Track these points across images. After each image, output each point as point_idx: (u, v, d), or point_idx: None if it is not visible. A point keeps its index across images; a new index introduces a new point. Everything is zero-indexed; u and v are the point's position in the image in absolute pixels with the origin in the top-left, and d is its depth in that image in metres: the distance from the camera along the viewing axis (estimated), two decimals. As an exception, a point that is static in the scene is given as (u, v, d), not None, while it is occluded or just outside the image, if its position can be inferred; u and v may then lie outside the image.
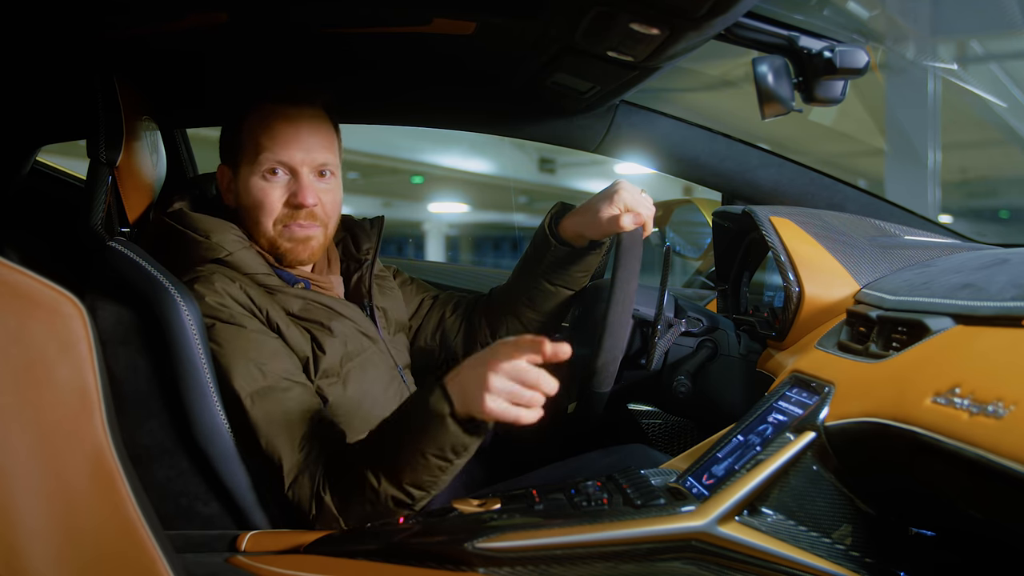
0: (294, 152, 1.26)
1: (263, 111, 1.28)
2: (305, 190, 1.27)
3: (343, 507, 1.08)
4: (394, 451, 1.05)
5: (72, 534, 0.66)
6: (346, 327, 1.28)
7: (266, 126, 1.27)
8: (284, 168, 1.27)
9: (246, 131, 1.28)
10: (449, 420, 1.01)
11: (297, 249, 1.29)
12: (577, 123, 1.71)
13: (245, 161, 1.28)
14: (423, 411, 1.03)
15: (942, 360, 0.84)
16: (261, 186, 1.27)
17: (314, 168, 1.29)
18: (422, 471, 1.04)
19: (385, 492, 1.05)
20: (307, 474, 1.10)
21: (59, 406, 0.67)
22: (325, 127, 1.31)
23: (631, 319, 1.24)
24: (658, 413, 1.83)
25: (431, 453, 1.03)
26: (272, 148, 1.26)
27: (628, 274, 1.22)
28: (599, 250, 1.42)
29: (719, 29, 1.17)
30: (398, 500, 1.06)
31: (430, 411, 1.02)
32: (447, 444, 1.02)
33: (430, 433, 1.02)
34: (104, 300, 1.16)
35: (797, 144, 4.05)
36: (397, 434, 1.07)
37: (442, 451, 1.03)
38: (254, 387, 1.13)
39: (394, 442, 1.06)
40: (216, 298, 1.17)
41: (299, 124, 1.28)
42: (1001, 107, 4.39)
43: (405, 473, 1.04)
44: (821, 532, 0.90)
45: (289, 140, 1.26)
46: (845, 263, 1.22)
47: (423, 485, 1.06)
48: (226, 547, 1.05)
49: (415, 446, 1.03)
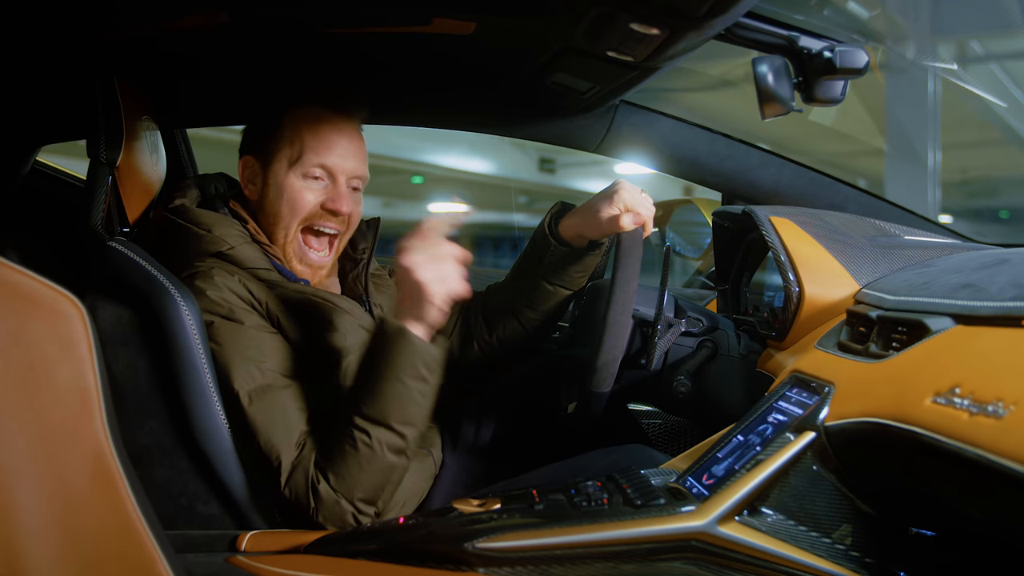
0: (338, 160, 1.29)
1: (309, 113, 1.30)
2: (342, 197, 1.30)
3: (340, 480, 1.09)
4: (373, 393, 1.10)
5: (72, 534, 0.66)
6: (345, 321, 1.28)
7: (313, 129, 1.28)
8: (325, 173, 1.29)
9: (289, 128, 1.29)
10: (409, 334, 1.10)
11: (306, 273, 1.33)
12: (577, 123, 1.71)
13: (283, 158, 1.29)
14: (384, 343, 1.10)
15: (942, 360, 0.83)
16: (299, 186, 1.29)
17: (351, 178, 1.31)
18: (406, 401, 1.10)
19: (378, 440, 1.09)
20: (301, 468, 1.11)
21: (59, 406, 0.67)
22: (362, 140, 1.35)
23: (631, 319, 1.24)
24: (658, 413, 1.83)
25: (407, 376, 1.09)
26: (318, 152, 1.28)
27: (628, 274, 1.22)
28: (598, 251, 1.42)
29: (719, 29, 1.17)
30: (393, 445, 1.10)
31: (389, 336, 1.10)
32: (418, 360, 1.10)
33: (400, 357, 1.09)
34: (104, 300, 1.16)
35: (797, 144, 4.05)
36: (371, 378, 1.11)
37: (416, 369, 1.10)
38: (252, 385, 1.13)
39: (371, 386, 1.10)
40: (216, 292, 1.17)
41: (344, 133, 1.31)
42: (1001, 107, 4.39)
43: (391, 411, 1.09)
44: (821, 532, 0.90)
45: (334, 147, 1.29)
46: (845, 263, 1.22)
47: (410, 418, 1.11)
48: (226, 547, 1.05)
49: (391, 375, 1.09)
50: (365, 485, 1.10)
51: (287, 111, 1.31)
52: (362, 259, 1.43)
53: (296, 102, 1.31)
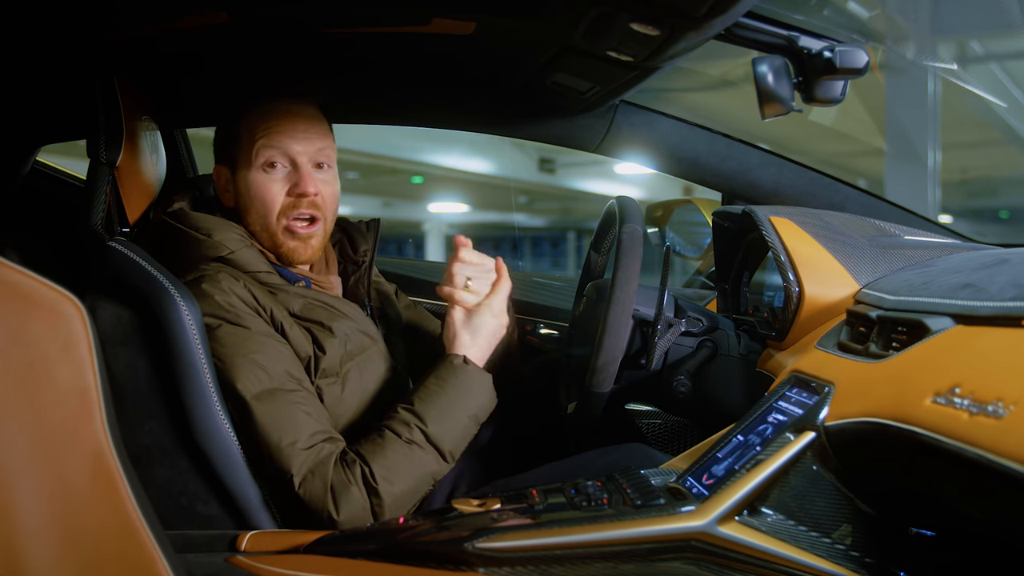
0: (291, 143, 1.28)
1: (258, 108, 1.29)
2: (306, 178, 1.28)
3: (388, 486, 1.11)
4: (440, 419, 1.16)
5: (72, 534, 0.66)
6: (347, 326, 1.28)
7: (263, 121, 1.28)
8: (284, 159, 1.28)
9: (243, 128, 1.29)
10: (489, 380, 1.22)
11: (299, 248, 1.30)
12: (577, 123, 1.71)
13: (243, 157, 1.29)
14: (466, 378, 1.19)
15: (942, 360, 0.83)
16: (261, 180, 1.28)
17: (312, 158, 1.30)
18: (463, 436, 1.19)
19: (429, 461, 1.15)
20: (318, 472, 1.10)
21: (59, 406, 0.67)
22: (319, 120, 1.33)
23: (631, 319, 1.24)
24: (658, 413, 1.83)
25: (475, 416, 1.19)
26: (270, 140, 1.27)
27: (628, 274, 1.22)
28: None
29: (719, 29, 1.17)
30: (436, 471, 1.17)
31: (472, 375, 1.20)
32: (489, 404, 1.21)
33: (477, 398, 1.20)
34: (104, 300, 1.16)
35: (797, 144, 4.06)
36: (443, 405, 1.18)
37: (484, 412, 1.21)
38: (259, 388, 1.13)
39: (442, 412, 1.17)
40: (223, 297, 1.17)
41: (295, 116, 1.29)
42: (1001, 107, 4.39)
43: (448, 439, 1.17)
44: (821, 532, 0.90)
45: (286, 131, 1.28)
46: (845, 263, 1.22)
47: (456, 451, 1.18)
48: (226, 547, 1.05)
49: (464, 409, 1.18)
50: (403, 499, 1.13)
51: (243, 113, 1.31)
52: (364, 261, 1.43)
53: (247, 104, 1.31)
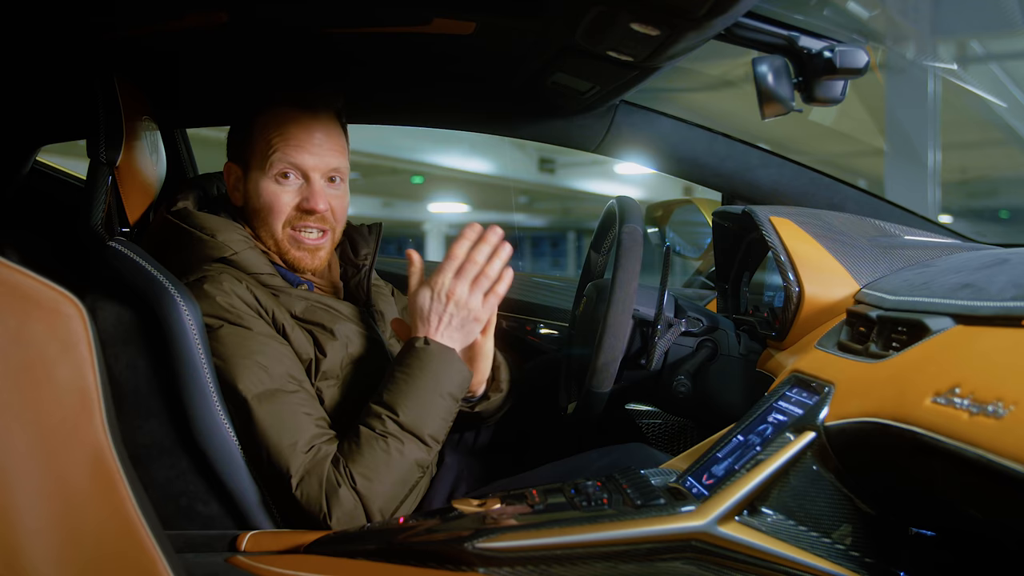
0: (307, 157, 1.27)
1: (277, 114, 1.28)
2: (317, 196, 1.27)
3: (369, 485, 1.10)
4: (412, 404, 1.14)
5: (72, 534, 0.66)
6: (348, 329, 1.28)
7: (280, 130, 1.27)
8: (297, 172, 1.27)
9: (259, 132, 1.28)
10: (454, 354, 1.18)
11: (306, 258, 1.31)
12: (577, 123, 1.71)
13: (256, 162, 1.28)
14: (428, 358, 1.16)
15: (942, 360, 0.84)
16: (273, 189, 1.27)
17: (326, 173, 1.29)
18: (441, 417, 1.16)
19: (410, 449, 1.13)
20: (315, 473, 1.10)
21: (59, 406, 0.66)
22: (337, 132, 1.32)
23: (631, 319, 1.24)
24: (658, 413, 1.83)
25: (448, 393, 1.17)
26: (286, 152, 1.26)
27: (628, 274, 1.22)
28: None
29: (719, 29, 1.17)
30: (421, 460, 1.15)
31: (433, 353, 1.17)
32: (460, 379, 1.19)
33: (444, 374, 1.17)
34: (104, 300, 1.16)
35: (797, 144, 4.06)
36: (412, 389, 1.15)
37: (457, 388, 1.18)
38: (260, 389, 1.13)
39: (412, 397, 1.15)
40: (225, 298, 1.17)
41: (313, 129, 1.28)
42: (1001, 107, 4.40)
43: (427, 423, 1.15)
44: (821, 532, 0.90)
45: (303, 145, 1.27)
46: (845, 263, 1.22)
47: (438, 433, 1.16)
48: (226, 547, 1.05)
49: (434, 390, 1.16)
50: (390, 494, 1.12)
51: (257, 115, 1.29)
52: (364, 265, 1.43)
53: (265, 104, 1.29)
